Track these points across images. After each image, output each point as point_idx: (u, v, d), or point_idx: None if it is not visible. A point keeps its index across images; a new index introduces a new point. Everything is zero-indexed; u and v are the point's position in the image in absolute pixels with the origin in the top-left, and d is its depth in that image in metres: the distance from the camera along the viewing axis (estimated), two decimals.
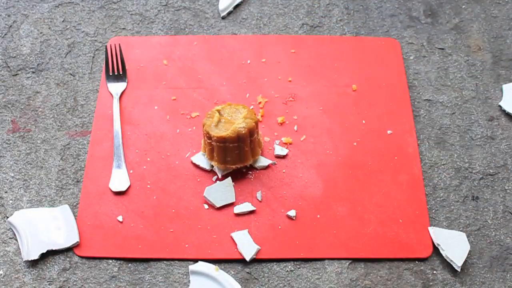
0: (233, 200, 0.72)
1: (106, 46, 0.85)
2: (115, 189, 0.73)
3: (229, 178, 0.74)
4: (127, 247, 0.70)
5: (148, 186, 0.74)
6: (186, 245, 0.70)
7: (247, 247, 0.69)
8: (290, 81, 0.83)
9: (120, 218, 0.72)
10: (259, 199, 0.73)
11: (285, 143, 0.77)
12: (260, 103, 0.81)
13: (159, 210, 0.72)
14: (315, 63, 0.85)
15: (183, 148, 0.77)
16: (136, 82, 0.83)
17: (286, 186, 0.74)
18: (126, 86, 0.82)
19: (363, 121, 0.80)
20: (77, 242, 0.70)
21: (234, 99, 0.81)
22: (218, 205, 0.72)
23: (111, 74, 0.83)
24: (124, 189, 0.74)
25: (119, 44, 0.84)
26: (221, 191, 0.73)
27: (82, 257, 0.69)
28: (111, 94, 0.81)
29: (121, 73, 0.83)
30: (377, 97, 0.82)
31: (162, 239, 0.70)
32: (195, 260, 0.69)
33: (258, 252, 0.69)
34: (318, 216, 0.72)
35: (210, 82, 0.83)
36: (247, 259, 0.69)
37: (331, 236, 0.71)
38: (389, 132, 0.79)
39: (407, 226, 0.72)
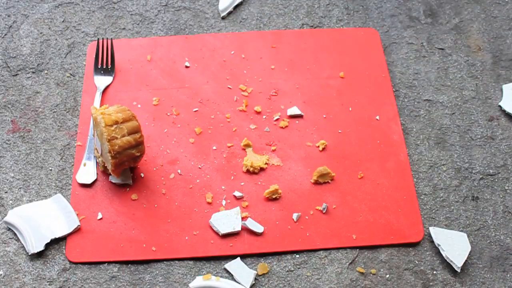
0: (239, 229, 0.71)
1: (96, 42, 0.85)
2: (81, 181, 0.73)
3: (238, 207, 0.72)
4: (121, 250, 0.70)
5: (132, 184, 0.74)
6: (182, 244, 0.70)
7: (244, 275, 0.68)
8: (272, 68, 0.84)
9: (101, 215, 0.72)
10: (240, 194, 0.73)
11: (281, 127, 0.78)
12: (244, 90, 0.81)
13: (152, 212, 0.72)
14: (296, 57, 0.85)
15: (171, 148, 0.77)
16: (119, 85, 0.82)
17: (275, 180, 0.75)
18: (112, 80, 0.82)
19: (350, 108, 0.81)
20: (78, 226, 0.70)
21: (218, 97, 0.81)
22: (222, 233, 0.70)
23: (99, 67, 0.83)
24: (90, 182, 0.73)
25: (111, 39, 0.84)
26: (228, 219, 0.71)
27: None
28: (96, 87, 0.81)
29: (109, 67, 0.83)
30: (360, 86, 0.83)
31: (155, 239, 0.70)
32: (193, 259, 0.70)
33: (252, 248, 0.70)
34: (310, 209, 0.73)
35: (193, 81, 0.83)
36: (247, 287, 0.67)
37: (323, 227, 0.71)
38: (377, 117, 0.79)
39: (397, 213, 0.73)
